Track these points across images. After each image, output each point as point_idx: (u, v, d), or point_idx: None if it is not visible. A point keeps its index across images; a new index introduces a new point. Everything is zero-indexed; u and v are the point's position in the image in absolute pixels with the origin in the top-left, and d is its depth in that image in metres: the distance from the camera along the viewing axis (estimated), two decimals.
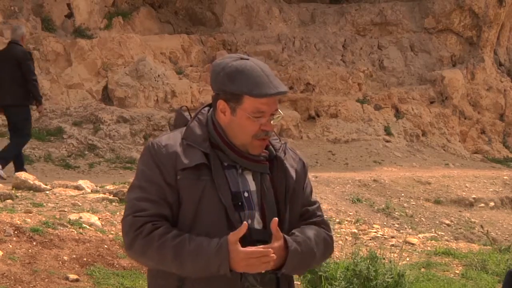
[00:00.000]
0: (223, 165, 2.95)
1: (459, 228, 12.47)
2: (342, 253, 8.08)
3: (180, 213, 2.92)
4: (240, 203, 2.92)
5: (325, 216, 3.25)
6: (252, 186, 2.97)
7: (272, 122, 2.96)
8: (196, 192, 2.89)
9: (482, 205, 13.74)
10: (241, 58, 2.96)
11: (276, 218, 2.89)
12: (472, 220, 12.90)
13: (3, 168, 11.52)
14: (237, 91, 2.90)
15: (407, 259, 8.81)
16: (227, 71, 2.92)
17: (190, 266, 2.84)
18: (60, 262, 6.99)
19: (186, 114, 3.08)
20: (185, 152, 2.92)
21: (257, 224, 2.94)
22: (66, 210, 8.62)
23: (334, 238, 3.22)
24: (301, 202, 3.07)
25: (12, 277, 6.52)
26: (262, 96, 2.89)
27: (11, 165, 11.71)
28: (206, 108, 3.06)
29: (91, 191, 10.03)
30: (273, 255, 2.80)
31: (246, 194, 2.94)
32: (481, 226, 12.15)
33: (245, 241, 2.87)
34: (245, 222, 2.80)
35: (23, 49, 11.66)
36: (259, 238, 2.91)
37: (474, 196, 13.93)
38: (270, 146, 3.04)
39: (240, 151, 2.96)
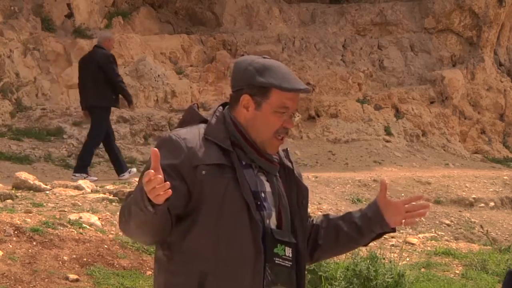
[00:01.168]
0: (242, 164, 2.97)
1: (459, 228, 12.47)
2: None
3: (204, 209, 2.91)
4: (259, 203, 2.95)
5: None
6: (267, 187, 3.00)
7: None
8: (220, 189, 2.90)
9: (482, 205, 13.73)
10: (263, 57, 3.03)
11: (385, 180, 3.06)
12: (472, 220, 12.90)
13: (86, 173, 11.90)
14: (266, 84, 2.95)
15: (407, 259, 8.81)
16: (255, 66, 2.97)
17: (134, 215, 2.84)
18: (60, 262, 6.99)
19: (200, 111, 3.11)
20: (206, 148, 2.93)
21: (273, 225, 2.97)
22: (66, 210, 8.62)
23: None
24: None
25: (12, 277, 6.52)
26: (290, 90, 2.95)
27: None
28: (221, 108, 3.07)
29: (91, 191, 10.03)
30: (164, 184, 2.72)
31: (263, 195, 2.97)
32: (481, 226, 12.14)
33: (268, 240, 2.92)
34: (154, 149, 2.79)
35: (105, 52, 11.92)
36: (280, 237, 2.95)
37: (474, 196, 13.93)
38: (279, 152, 3.10)
39: (259, 150, 2.99)
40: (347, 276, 7.01)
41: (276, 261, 2.93)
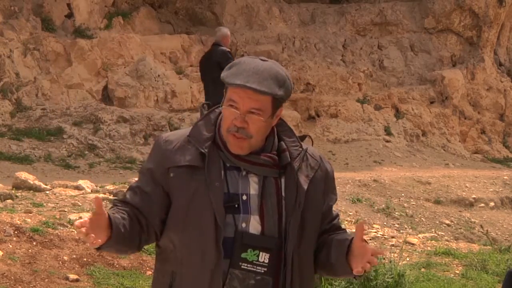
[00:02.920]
0: (226, 166, 2.89)
1: (459, 228, 12.47)
2: None
3: (173, 211, 2.90)
4: (236, 206, 2.85)
5: None
6: (254, 189, 2.88)
7: (247, 119, 2.84)
8: (188, 191, 2.86)
9: (482, 205, 13.74)
10: (260, 59, 2.94)
11: (363, 222, 2.80)
12: (472, 220, 12.90)
13: None
14: (221, 78, 2.92)
15: (407, 259, 8.81)
16: (232, 63, 2.93)
17: None
18: (60, 262, 6.99)
19: (205, 111, 3.05)
20: (183, 150, 2.90)
21: (254, 229, 2.86)
22: (66, 210, 8.62)
23: None
24: (322, 215, 2.99)
25: (12, 277, 6.52)
26: (229, 84, 2.85)
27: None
28: (220, 108, 2.99)
29: (91, 191, 10.03)
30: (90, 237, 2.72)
31: (244, 197, 2.87)
32: (481, 226, 12.15)
33: (236, 244, 2.83)
34: (97, 196, 2.84)
35: (223, 49, 12.07)
36: (251, 243, 2.84)
37: (474, 196, 13.93)
38: (286, 152, 2.95)
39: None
40: None
41: (242, 267, 2.83)
